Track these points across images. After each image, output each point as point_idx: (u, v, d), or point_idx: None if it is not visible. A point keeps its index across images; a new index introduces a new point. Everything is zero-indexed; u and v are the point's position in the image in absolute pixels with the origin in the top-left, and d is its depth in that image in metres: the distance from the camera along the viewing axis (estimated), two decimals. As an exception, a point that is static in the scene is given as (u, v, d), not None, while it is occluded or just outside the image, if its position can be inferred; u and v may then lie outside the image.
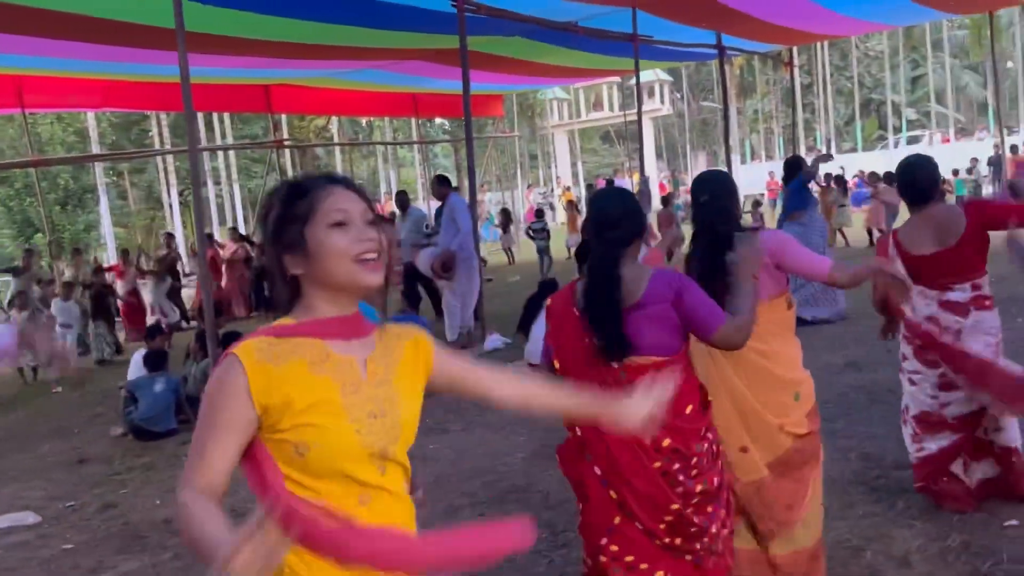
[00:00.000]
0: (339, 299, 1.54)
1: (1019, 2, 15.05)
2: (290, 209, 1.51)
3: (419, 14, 9.15)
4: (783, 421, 2.84)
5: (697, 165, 39.52)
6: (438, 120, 32.87)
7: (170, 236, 17.70)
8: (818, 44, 37.65)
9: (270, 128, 18.26)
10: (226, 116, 27.81)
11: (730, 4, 10.88)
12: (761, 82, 41.49)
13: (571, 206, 19.63)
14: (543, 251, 15.19)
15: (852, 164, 29.30)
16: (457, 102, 12.98)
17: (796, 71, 37.75)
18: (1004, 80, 41.19)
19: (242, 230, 20.61)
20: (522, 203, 34.01)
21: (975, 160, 21.95)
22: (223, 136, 28.73)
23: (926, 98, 42.58)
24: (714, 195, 2.89)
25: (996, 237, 3.47)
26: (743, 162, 36.45)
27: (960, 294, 3.45)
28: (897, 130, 40.07)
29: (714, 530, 2.46)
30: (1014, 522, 3.41)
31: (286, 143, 21.42)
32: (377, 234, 1.53)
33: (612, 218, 2.43)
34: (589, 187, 25.77)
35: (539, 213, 17.56)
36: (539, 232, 15.45)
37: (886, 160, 26.08)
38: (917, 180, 3.57)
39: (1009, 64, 43.02)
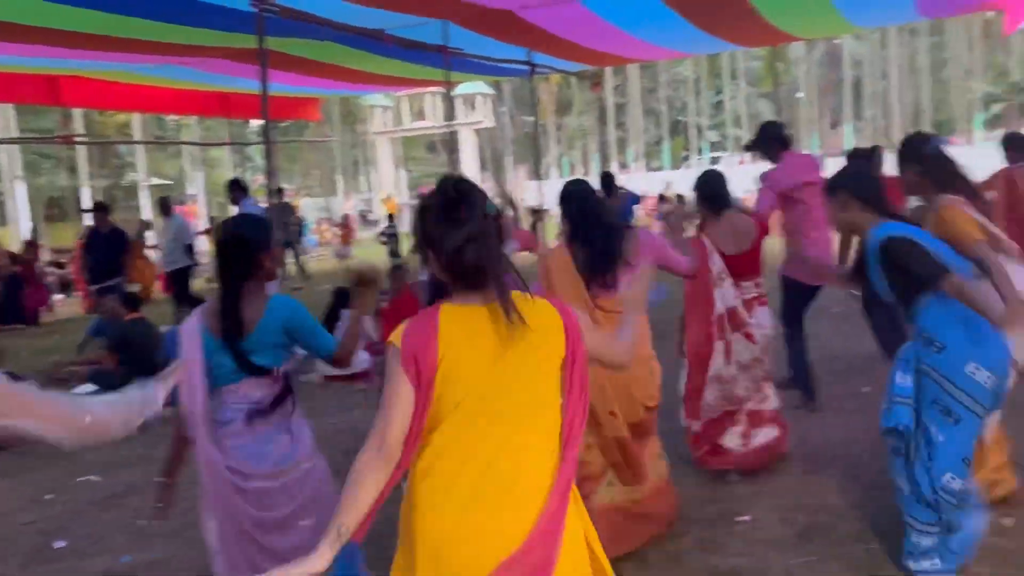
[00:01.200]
0: None
1: (799, 39, 16.46)
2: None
3: (218, 11, 8.75)
4: (639, 394, 3.33)
5: (518, 178, 40.41)
6: (255, 122, 31.67)
7: None
8: (629, 67, 39.76)
9: (61, 122, 16.83)
10: (10, 106, 25.33)
11: (539, 24, 11.21)
12: (580, 100, 43.18)
13: (347, 220, 20.17)
14: (394, 254, 15.66)
15: (660, 181, 31.09)
16: (271, 104, 12.58)
17: (609, 91, 39.64)
18: (794, 108, 45.27)
19: (26, 232, 18.80)
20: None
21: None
22: (7, 129, 26.12)
23: (726, 122, 46.01)
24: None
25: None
26: (561, 176, 37.66)
27: (749, 292, 4.17)
28: (701, 151, 43.02)
29: None
30: (746, 518, 3.70)
31: (76, 139, 19.80)
32: None
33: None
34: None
35: (390, 217, 18.14)
36: (391, 237, 16.01)
37: (691, 178, 28.10)
38: (714, 189, 4.29)
39: (799, 94, 47.28)
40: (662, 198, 16.15)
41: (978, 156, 5.34)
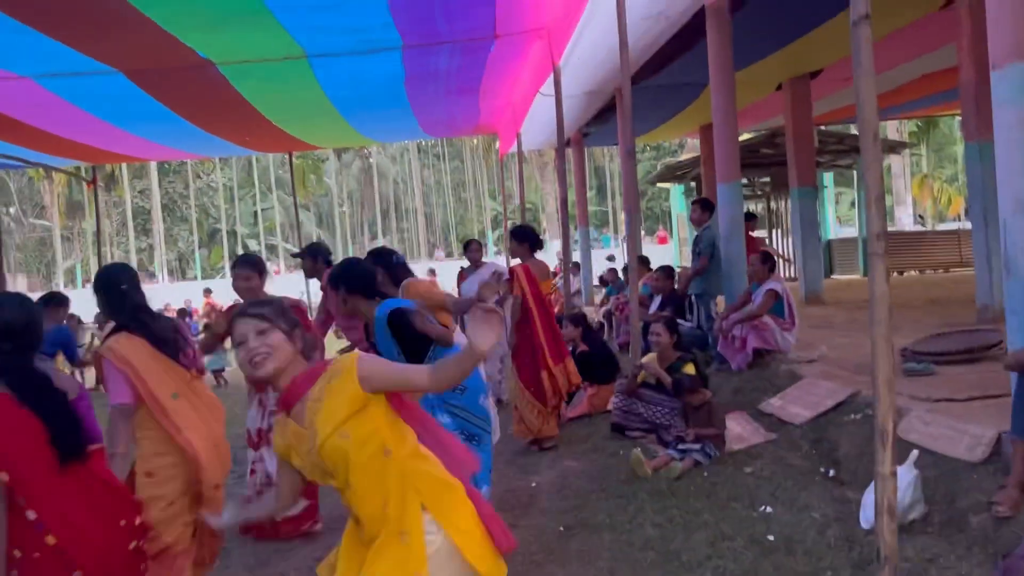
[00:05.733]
0: None
1: (316, 147, 16.29)
2: None
3: None
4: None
5: (16, 287, 34.64)
6: None
7: None
8: (153, 170, 37.05)
9: None
10: None
11: (-1, 108, 9.00)
12: (100, 203, 38.75)
13: None
14: None
15: (191, 292, 29.00)
16: None
17: (130, 194, 36.27)
18: (333, 216, 46.37)
19: None
20: None
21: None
22: None
23: (269, 231, 45.16)
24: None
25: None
26: (80, 285, 33.66)
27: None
28: (240, 260, 41.37)
29: None
30: None
31: None
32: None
33: (19, 326, 2.50)
34: None
35: None
36: None
37: (224, 287, 26.94)
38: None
39: (344, 208, 48.67)
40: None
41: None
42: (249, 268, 4.49)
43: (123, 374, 3.00)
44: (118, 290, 3.16)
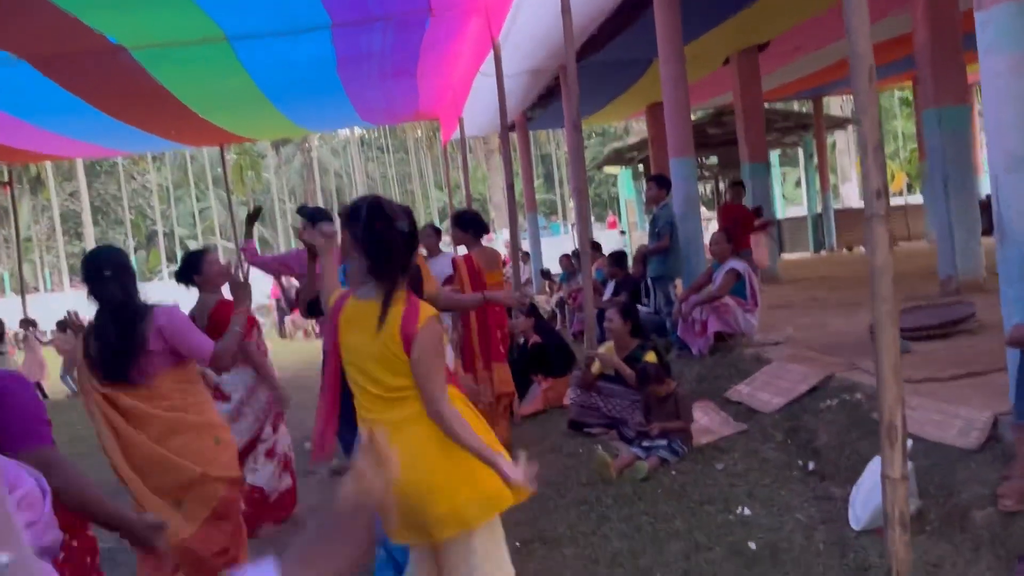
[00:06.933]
0: None
1: (250, 139, 15.54)
2: None
3: None
4: (207, 468, 2.94)
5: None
6: None
7: None
8: (82, 170, 35.68)
9: None
10: None
11: None
12: (27, 207, 37.06)
13: None
14: None
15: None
16: None
17: (55, 197, 34.64)
18: (274, 212, 45.26)
19: None
20: None
21: None
22: None
23: (209, 230, 43.77)
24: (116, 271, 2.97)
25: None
26: (8, 293, 32.19)
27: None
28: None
29: None
30: None
31: None
32: None
33: None
34: None
35: None
36: None
37: (160, 289, 26.02)
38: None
39: (286, 204, 47.47)
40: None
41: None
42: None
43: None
44: (100, 277, 2.95)
